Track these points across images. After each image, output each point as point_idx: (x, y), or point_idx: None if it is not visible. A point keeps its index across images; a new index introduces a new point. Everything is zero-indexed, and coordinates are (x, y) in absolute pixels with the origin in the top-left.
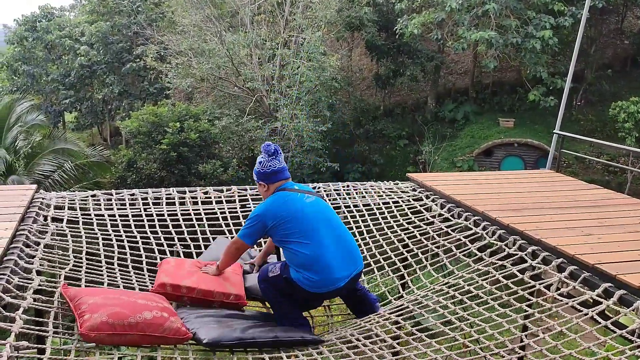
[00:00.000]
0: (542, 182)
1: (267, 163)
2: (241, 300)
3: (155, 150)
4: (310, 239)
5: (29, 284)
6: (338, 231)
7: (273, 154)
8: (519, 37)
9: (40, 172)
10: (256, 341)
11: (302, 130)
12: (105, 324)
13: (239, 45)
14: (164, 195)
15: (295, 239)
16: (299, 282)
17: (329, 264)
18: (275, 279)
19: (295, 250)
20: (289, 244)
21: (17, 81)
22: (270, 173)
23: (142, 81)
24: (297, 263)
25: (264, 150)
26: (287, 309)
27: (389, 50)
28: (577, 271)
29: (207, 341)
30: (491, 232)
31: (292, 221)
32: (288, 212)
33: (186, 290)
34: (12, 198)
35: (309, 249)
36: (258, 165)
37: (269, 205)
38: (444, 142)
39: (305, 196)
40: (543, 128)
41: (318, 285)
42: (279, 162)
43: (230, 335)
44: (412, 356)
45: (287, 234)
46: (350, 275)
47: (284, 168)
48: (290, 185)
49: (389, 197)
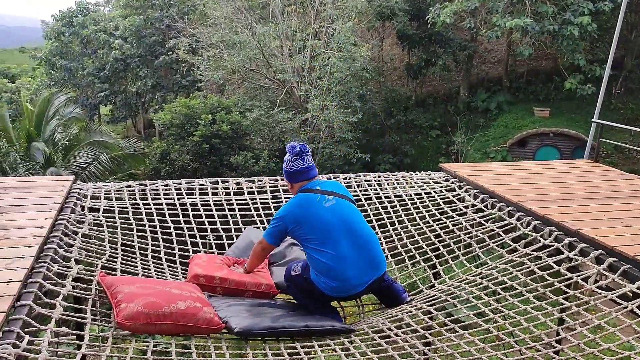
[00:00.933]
0: (579, 172)
1: (291, 163)
2: (272, 290)
3: (187, 142)
4: (327, 247)
5: (68, 271)
6: (359, 237)
7: (298, 154)
8: (556, 24)
9: (78, 164)
10: (287, 330)
11: (332, 122)
12: (141, 314)
13: (269, 37)
14: (197, 186)
15: (313, 245)
16: (318, 285)
17: (346, 273)
18: (297, 278)
19: (314, 255)
20: (308, 249)
21: (54, 75)
22: (292, 173)
23: (174, 74)
24: (315, 267)
25: (288, 150)
26: (312, 305)
27: (420, 39)
28: (617, 263)
29: (239, 330)
30: (526, 223)
31: (309, 227)
32: (305, 217)
33: (219, 281)
34: (51, 189)
35: (327, 257)
36: (284, 163)
37: (288, 208)
38: (476, 132)
39: (325, 200)
40: (580, 117)
41: (336, 290)
42: (302, 162)
43: (261, 325)
44: (444, 347)
45: (305, 239)
46: (369, 282)
47: (308, 167)
48: (313, 186)
49: (420, 188)
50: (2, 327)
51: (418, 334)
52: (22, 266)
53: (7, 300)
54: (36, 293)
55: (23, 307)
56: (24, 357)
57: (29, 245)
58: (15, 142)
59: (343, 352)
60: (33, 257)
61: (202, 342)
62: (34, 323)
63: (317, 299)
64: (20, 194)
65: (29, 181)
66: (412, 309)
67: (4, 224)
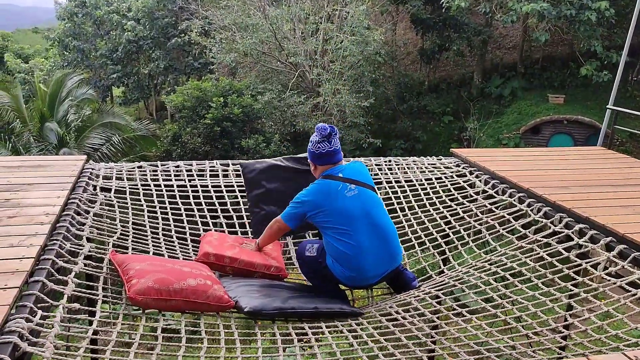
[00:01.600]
0: (591, 159)
1: (317, 144)
2: (282, 272)
3: (199, 125)
4: (347, 237)
5: (80, 249)
6: (379, 228)
7: (326, 137)
8: (573, 9)
9: (90, 145)
10: (296, 311)
11: (344, 106)
12: (152, 289)
13: (282, 20)
14: (208, 168)
15: (332, 233)
16: (333, 271)
17: (363, 264)
18: (311, 260)
19: (332, 243)
20: (326, 235)
21: (67, 56)
22: (318, 155)
23: (186, 56)
24: (332, 254)
25: (317, 131)
26: (322, 285)
27: (434, 24)
28: (627, 250)
29: (248, 309)
30: (536, 209)
31: (329, 215)
32: (326, 204)
33: (229, 260)
34: (64, 168)
35: (345, 247)
36: (310, 144)
37: (310, 193)
38: (489, 118)
39: (347, 189)
40: (595, 105)
41: (350, 279)
42: (329, 145)
43: (271, 305)
44: (451, 330)
45: (324, 226)
46: (384, 274)
47: (335, 151)
48: (336, 172)
49: (431, 173)
50: (16, 302)
51: (426, 317)
52: (35, 243)
53: (20, 276)
54: (49, 270)
55: (36, 283)
56: (36, 332)
57: (42, 223)
58: (29, 122)
59: (350, 334)
60: (46, 235)
61: (211, 320)
62: (46, 299)
63: (330, 281)
64: (33, 173)
65: (41, 160)
66: (420, 293)
67: (18, 202)
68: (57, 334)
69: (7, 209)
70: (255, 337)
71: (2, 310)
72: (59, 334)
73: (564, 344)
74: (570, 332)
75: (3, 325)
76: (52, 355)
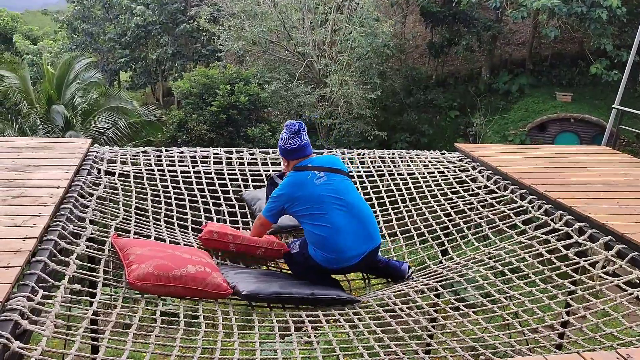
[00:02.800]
0: (595, 158)
1: (288, 141)
2: (284, 247)
3: (205, 112)
4: (322, 221)
5: (83, 231)
6: (352, 208)
7: (296, 132)
8: (584, 6)
9: (96, 128)
10: (293, 296)
11: (351, 97)
12: (152, 275)
13: (291, 9)
14: (212, 155)
15: (308, 220)
16: (315, 258)
17: (342, 244)
18: (296, 255)
19: (310, 230)
20: (304, 224)
21: (76, 39)
22: (290, 150)
23: (194, 42)
24: (313, 241)
25: (287, 128)
26: (315, 279)
27: (444, 17)
28: (626, 250)
29: (246, 293)
30: (537, 206)
31: (303, 204)
32: (298, 195)
33: (232, 237)
34: (69, 151)
35: (322, 230)
36: (280, 141)
37: (284, 186)
38: (496, 114)
39: (316, 177)
40: (603, 104)
41: (333, 262)
42: (299, 140)
43: (268, 290)
44: (448, 325)
45: (300, 215)
46: (365, 252)
47: (305, 145)
48: (306, 163)
49: (434, 167)
50: (18, 281)
51: (423, 309)
52: (38, 224)
53: (23, 255)
54: (51, 250)
55: (38, 262)
56: (37, 311)
57: (46, 204)
58: (36, 104)
59: (348, 324)
60: (49, 216)
61: (210, 306)
62: (48, 279)
63: (317, 272)
64: (39, 154)
65: (47, 142)
66: (418, 284)
67: (22, 182)
68: (58, 313)
69: (12, 189)
70: (253, 323)
71: (4, 289)
72: (59, 313)
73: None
74: (566, 329)
75: (5, 303)
76: (52, 334)
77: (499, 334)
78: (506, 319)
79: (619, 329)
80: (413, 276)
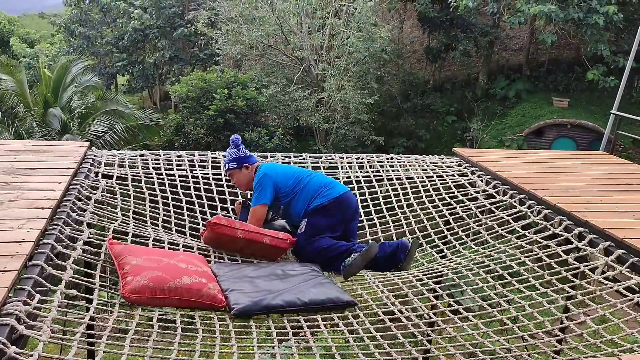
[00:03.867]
0: (593, 164)
1: (242, 151)
2: (289, 238)
3: (202, 116)
4: (303, 185)
5: (80, 235)
6: (319, 174)
7: (240, 143)
8: (581, 12)
9: (93, 132)
10: (285, 309)
11: (348, 102)
12: (146, 288)
13: (289, 13)
14: (210, 158)
15: (297, 198)
16: (316, 214)
17: (327, 186)
18: (304, 235)
19: (303, 206)
20: (296, 207)
21: (73, 43)
22: (248, 156)
23: (192, 47)
24: (307, 207)
25: (233, 142)
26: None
27: (442, 23)
28: (625, 255)
29: (235, 312)
30: (536, 212)
31: (284, 180)
32: (276, 176)
33: (239, 224)
34: (66, 154)
35: (307, 191)
36: (235, 153)
37: (263, 169)
38: (493, 120)
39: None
40: (600, 110)
41: (328, 196)
42: (244, 148)
43: (259, 305)
44: (448, 329)
45: (288, 198)
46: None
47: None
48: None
49: (433, 172)
50: (14, 285)
51: (422, 312)
52: (35, 227)
53: (19, 259)
54: (48, 254)
55: (35, 266)
56: (34, 315)
57: (43, 208)
58: (32, 107)
59: (347, 328)
60: (46, 219)
61: (207, 313)
62: (45, 283)
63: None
64: (36, 157)
65: (44, 145)
66: (417, 283)
67: (19, 186)
68: (55, 318)
69: (9, 193)
70: (250, 329)
71: (0, 293)
72: (56, 318)
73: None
74: (566, 335)
75: (1, 307)
76: (48, 339)
77: (499, 339)
78: (505, 323)
79: (619, 335)
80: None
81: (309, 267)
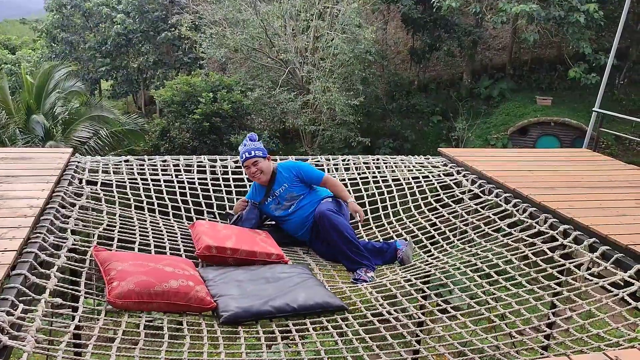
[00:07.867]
0: (577, 161)
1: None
2: (283, 259)
3: (188, 120)
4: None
5: (64, 243)
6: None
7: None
8: (562, 11)
9: (77, 138)
10: (274, 315)
11: (334, 104)
12: (133, 292)
13: (273, 16)
14: (195, 163)
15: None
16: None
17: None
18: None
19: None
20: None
21: (55, 48)
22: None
23: (176, 50)
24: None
25: (252, 138)
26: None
27: (425, 23)
28: (610, 251)
29: (223, 320)
30: (522, 210)
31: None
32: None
33: (231, 251)
34: (49, 161)
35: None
36: (258, 143)
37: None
38: (478, 119)
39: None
40: (582, 107)
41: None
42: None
43: (248, 312)
44: (436, 328)
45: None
46: None
47: None
48: None
49: (419, 172)
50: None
51: (411, 312)
52: (17, 236)
53: (2, 269)
54: (31, 263)
55: (18, 276)
56: (18, 326)
57: (25, 216)
58: (15, 114)
59: (335, 331)
60: (29, 228)
61: (194, 319)
62: (29, 292)
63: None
64: (18, 165)
65: (26, 152)
66: (405, 284)
67: (1, 194)
68: (39, 328)
69: None
70: (239, 334)
71: None
72: (40, 328)
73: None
74: (553, 331)
75: None
76: (33, 349)
77: (487, 337)
78: (493, 321)
79: (605, 329)
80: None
81: (298, 268)
